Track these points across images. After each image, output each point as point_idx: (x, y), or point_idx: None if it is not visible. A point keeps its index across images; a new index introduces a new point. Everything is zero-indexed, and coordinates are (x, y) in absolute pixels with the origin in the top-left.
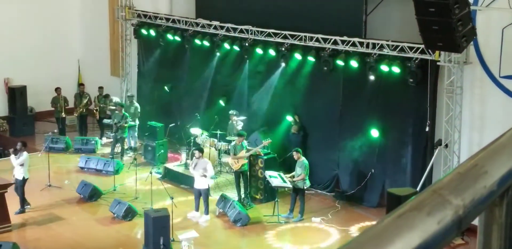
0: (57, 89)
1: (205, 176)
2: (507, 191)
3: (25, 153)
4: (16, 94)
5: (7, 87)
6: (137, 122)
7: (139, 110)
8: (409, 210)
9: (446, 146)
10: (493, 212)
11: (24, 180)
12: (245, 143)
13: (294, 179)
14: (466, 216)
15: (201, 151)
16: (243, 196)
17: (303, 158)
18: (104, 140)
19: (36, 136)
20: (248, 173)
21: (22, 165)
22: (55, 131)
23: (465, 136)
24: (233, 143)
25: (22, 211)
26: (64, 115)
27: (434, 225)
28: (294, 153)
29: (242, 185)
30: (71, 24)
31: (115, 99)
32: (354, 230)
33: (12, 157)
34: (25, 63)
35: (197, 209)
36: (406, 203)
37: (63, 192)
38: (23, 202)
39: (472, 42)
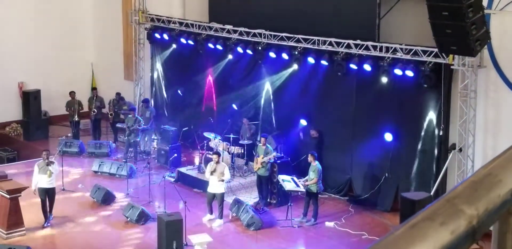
0: (71, 93)
1: (222, 180)
2: None
3: (53, 160)
4: (30, 99)
5: (21, 91)
6: (153, 126)
7: (154, 114)
8: (422, 220)
9: (460, 150)
10: (507, 220)
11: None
12: (269, 147)
13: (307, 183)
14: (480, 226)
15: (218, 155)
16: (257, 199)
17: (316, 162)
18: (118, 143)
19: (50, 139)
20: (265, 178)
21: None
22: (69, 134)
23: (479, 140)
24: (258, 144)
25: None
26: (78, 119)
27: (448, 235)
28: (309, 156)
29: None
30: (84, 29)
31: (129, 102)
32: (368, 235)
33: (51, 168)
34: (39, 68)
35: (210, 213)
36: (419, 213)
37: (76, 196)
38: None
39: (486, 46)
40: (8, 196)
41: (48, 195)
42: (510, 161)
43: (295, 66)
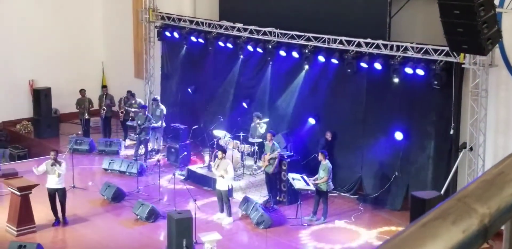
0: (82, 91)
1: (222, 176)
2: None
3: (61, 160)
4: (41, 96)
5: (32, 89)
6: (163, 124)
7: (164, 112)
8: (434, 219)
9: (471, 149)
10: None
11: (65, 189)
12: (276, 144)
13: (317, 182)
14: (491, 225)
15: (223, 151)
16: (267, 197)
17: (326, 161)
18: (128, 141)
19: (61, 137)
20: (272, 175)
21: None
22: (79, 132)
23: (490, 139)
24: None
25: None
26: (88, 117)
27: (459, 234)
28: (319, 154)
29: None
30: (95, 27)
31: (139, 100)
32: (378, 233)
33: (58, 168)
34: (49, 66)
35: (221, 211)
36: (430, 211)
37: (87, 194)
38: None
39: (497, 45)
40: (18, 193)
41: (58, 196)
42: None
43: (305, 65)
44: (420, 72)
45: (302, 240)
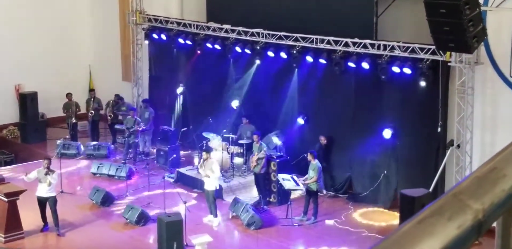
0: (68, 95)
1: (208, 176)
2: None
3: (55, 170)
4: (27, 101)
5: (18, 93)
6: (152, 127)
7: (153, 115)
8: (430, 215)
9: (458, 146)
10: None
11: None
12: (263, 144)
13: (306, 182)
14: (486, 220)
15: (207, 151)
16: (257, 198)
17: (316, 161)
18: (116, 145)
19: (48, 142)
20: (260, 175)
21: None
22: (67, 136)
23: (477, 136)
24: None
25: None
26: (75, 121)
27: (455, 230)
28: (309, 154)
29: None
30: (81, 30)
31: (128, 103)
32: (368, 232)
33: (50, 178)
34: (36, 69)
35: (211, 212)
36: (426, 208)
37: (75, 198)
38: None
39: (483, 43)
40: (6, 199)
41: (49, 204)
42: None
43: (293, 65)
44: (407, 71)
45: (293, 241)
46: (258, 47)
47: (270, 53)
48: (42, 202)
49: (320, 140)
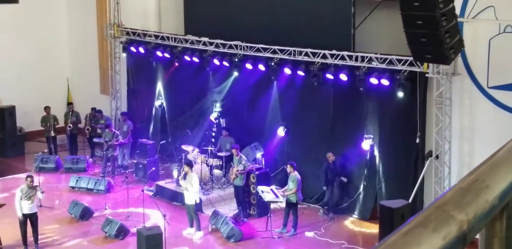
0: (46, 108)
1: (187, 189)
2: (507, 204)
3: (37, 185)
4: (5, 115)
5: None
6: (130, 140)
7: (131, 128)
8: (415, 227)
9: (437, 157)
10: (494, 225)
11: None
12: (243, 157)
13: (286, 193)
14: (470, 231)
15: (189, 165)
16: (237, 211)
17: (295, 172)
18: (95, 158)
19: (26, 156)
20: (240, 187)
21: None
22: (45, 150)
23: (455, 147)
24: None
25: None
26: (54, 134)
27: (440, 241)
28: (288, 166)
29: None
30: (59, 43)
31: (106, 116)
32: (347, 244)
33: (39, 194)
34: (13, 83)
35: (191, 226)
36: (411, 220)
37: (54, 212)
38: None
39: (460, 54)
40: None
41: (31, 221)
42: (496, 166)
43: (271, 77)
44: (385, 82)
45: None
46: (236, 60)
47: (248, 66)
48: (24, 220)
49: (327, 157)
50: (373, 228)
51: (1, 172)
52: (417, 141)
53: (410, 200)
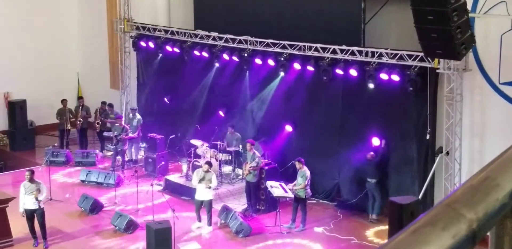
0: (63, 101)
1: (209, 187)
2: None
3: (38, 181)
4: (16, 109)
5: (7, 101)
6: (140, 134)
7: (141, 122)
8: (424, 225)
9: (447, 153)
10: (505, 224)
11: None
12: (257, 153)
13: (294, 188)
14: (479, 230)
15: (210, 165)
16: (246, 206)
17: (305, 168)
18: (105, 152)
19: (37, 149)
20: (252, 183)
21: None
22: (56, 144)
23: (466, 143)
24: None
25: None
26: (70, 128)
27: (449, 240)
28: (296, 163)
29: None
30: (69, 38)
31: (116, 111)
32: (357, 240)
33: (43, 195)
34: (24, 77)
35: (199, 220)
36: (420, 218)
37: (64, 206)
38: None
39: (471, 49)
40: None
41: (36, 217)
42: (507, 164)
43: (281, 72)
44: (395, 78)
45: (282, 248)
46: (246, 55)
47: (258, 61)
48: (29, 215)
49: (368, 156)
50: (383, 224)
51: (12, 166)
52: (428, 137)
53: (420, 197)
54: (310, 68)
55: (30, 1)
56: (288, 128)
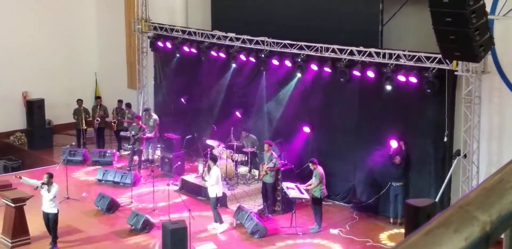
0: (78, 101)
1: (210, 185)
2: None
3: (55, 185)
4: (34, 108)
5: (25, 100)
6: (156, 134)
7: (158, 122)
8: (436, 227)
9: (465, 156)
10: None
11: (57, 214)
12: (274, 154)
13: (309, 187)
14: (493, 232)
15: (213, 160)
16: (262, 206)
17: (318, 167)
18: (121, 152)
19: (54, 148)
20: (269, 184)
21: (54, 197)
22: (73, 143)
23: (483, 146)
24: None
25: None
26: (85, 127)
27: (462, 242)
28: (310, 164)
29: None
30: (88, 38)
31: (133, 111)
32: (372, 242)
33: (44, 191)
34: (43, 77)
35: (215, 220)
36: (433, 220)
37: (81, 205)
38: (56, 238)
39: (490, 52)
40: (13, 205)
41: (49, 220)
42: None
43: (298, 73)
44: (413, 79)
45: None
46: (263, 56)
47: (275, 62)
48: (44, 217)
49: (394, 160)
50: (399, 227)
51: (30, 164)
52: (445, 139)
53: (437, 199)
54: (327, 69)
55: (49, 2)
56: (306, 129)
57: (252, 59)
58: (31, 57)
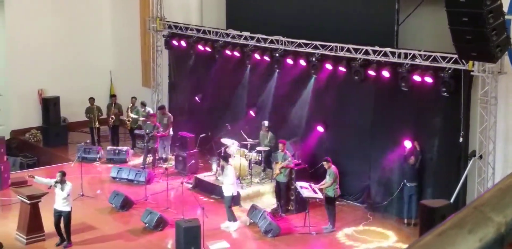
0: (91, 99)
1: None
2: None
3: (68, 183)
4: (50, 105)
5: (41, 98)
6: (171, 132)
7: (171, 120)
8: (451, 228)
9: (481, 157)
10: None
11: (70, 212)
12: (288, 153)
13: (322, 186)
14: (508, 233)
15: (225, 159)
16: (275, 206)
17: (332, 166)
18: (136, 150)
19: (69, 146)
20: (283, 184)
21: (67, 195)
22: (88, 141)
23: (499, 147)
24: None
25: (67, 245)
26: (98, 126)
27: (476, 243)
28: (324, 163)
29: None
30: (103, 36)
31: (148, 109)
32: (387, 242)
33: (58, 189)
34: (58, 75)
35: (229, 219)
36: (447, 220)
37: (95, 202)
38: (69, 236)
39: (506, 52)
40: (28, 202)
41: (63, 219)
42: None
43: (312, 73)
44: (428, 79)
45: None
46: (277, 55)
47: (289, 61)
48: (56, 215)
49: (409, 160)
50: (414, 227)
51: (45, 162)
52: (461, 140)
53: (452, 200)
54: (342, 69)
55: (65, 0)
56: (320, 129)
57: (266, 58)
58: (47, 56)
